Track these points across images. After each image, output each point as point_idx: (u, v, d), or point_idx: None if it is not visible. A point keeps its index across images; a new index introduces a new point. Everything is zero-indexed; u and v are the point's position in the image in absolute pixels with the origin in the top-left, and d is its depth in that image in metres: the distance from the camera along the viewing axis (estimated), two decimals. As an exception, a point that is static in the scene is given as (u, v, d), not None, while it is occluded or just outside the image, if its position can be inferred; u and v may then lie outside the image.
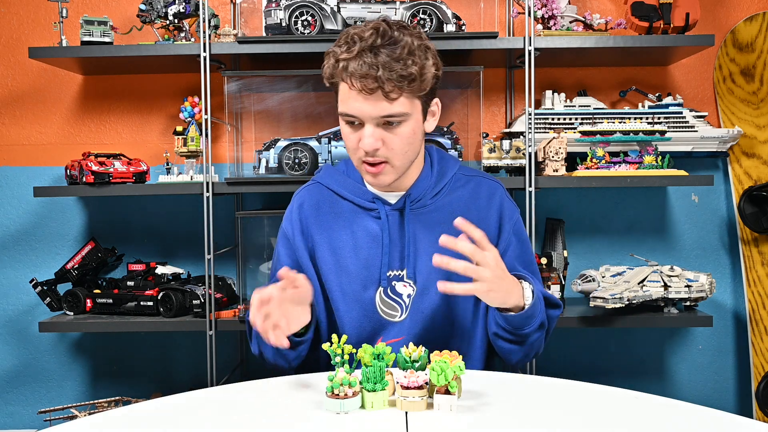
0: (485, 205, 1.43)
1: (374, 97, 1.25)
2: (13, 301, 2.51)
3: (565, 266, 2.21)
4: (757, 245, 2.38)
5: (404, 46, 1.25)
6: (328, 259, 1.41)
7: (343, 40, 1.28)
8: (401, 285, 1.39)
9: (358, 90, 1.25)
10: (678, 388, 2.48)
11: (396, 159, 1.32)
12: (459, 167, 1.47)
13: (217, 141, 2.44)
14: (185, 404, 1.13)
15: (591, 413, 1.06)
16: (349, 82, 1.25)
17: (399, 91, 1.25)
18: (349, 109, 1.28)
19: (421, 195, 1.41)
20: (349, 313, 1.40)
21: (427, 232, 1.40)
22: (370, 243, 1.40)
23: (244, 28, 2.40)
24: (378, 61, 1.23)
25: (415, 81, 1.26)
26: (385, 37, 1.25)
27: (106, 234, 2.48)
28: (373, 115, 1.27)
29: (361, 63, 1.23)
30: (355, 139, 1.31)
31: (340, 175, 1.47)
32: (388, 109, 1.26)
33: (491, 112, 2.44)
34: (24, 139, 2.49)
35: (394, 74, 1.23)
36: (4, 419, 2.53)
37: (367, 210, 1.42)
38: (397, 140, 1.30)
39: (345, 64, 1.25)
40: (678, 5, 2.11)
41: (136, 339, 2.51)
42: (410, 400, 1.04)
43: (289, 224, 1.46)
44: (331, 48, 1.30)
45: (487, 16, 2.38)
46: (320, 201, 1.46)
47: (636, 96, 2.41)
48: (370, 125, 1.28)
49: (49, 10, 2.44)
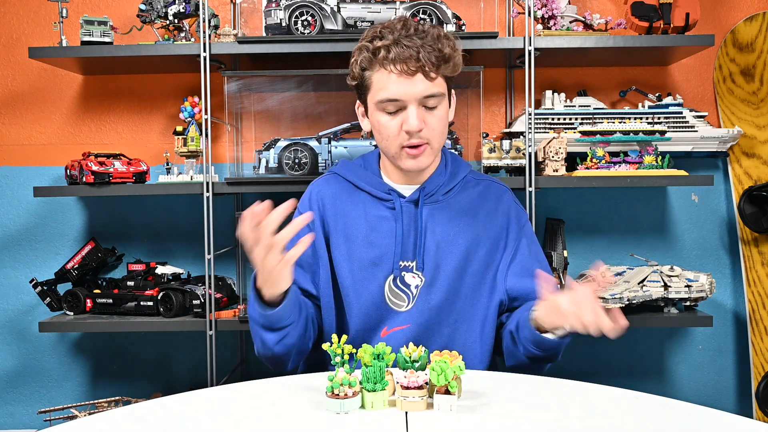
0: (493, 207, 1.48)
1: (416, 78, 1.31)
2: (13, 301, 2.51)
3: (565, 266, 2.21)
4: (757, 245, 2.38)
5: (433, 33, 1.34)
6: (342, 246, 1.44)
7: (371, 35, 1.35)
8: (410, 276, 1.42)
9: (400, 73, 1.31)
10: (678, 388, 2.48)
11: (435, 140, 1.39)
12: (470, 171, 1.53)
13: (217, 141, 2.44)
14: (185, 404, 1.13)
15: (591, 413, 1.06)
16: (390, 68, 1.31)
17: (437, 72, 1.33)
18: (391, 94, 1.33)
19: (434, 190, 1.45)
20: (358, 299, 1.42)
21: (438, 226, 1.44)
22: (384, 233, 1.44)
23: (244, 28, 2.40)
24: (416, 43, 1.31)
25: (449, 61, 1.34)
26: (414, 27, 1.34)
27: (106, 234, 2.48)
28: (417, 95, 1.33)
29: (401, 48, 1.30)
30: (395, 124, 1.36)
31: (357, 167, 1.52)
32: (430, 88, 1.33)
33: (491, 112, 2.44)
34: (24, 139, 2.49)
35: (432, 55, 1.31)
36: (4, 419, 2.53)
37: (382, 200, 1.46)
38: (436, 121, 1.36)
39: (385, 52, 1.31)
40: (678, 5, 2.11)
41: (136, 339, 2.51)
42: (410, 400, 1.04)
43: (308, 208, 1.49)
44: (360, 45, 1.37)
45: (487, 16, 2.38)
46: (338, 190, 1.50)
47: (636, 96, 2.41)
48: (413, 105, 1.33)
49: (49, 10, 2.44)
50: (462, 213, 1.46)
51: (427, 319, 1.41)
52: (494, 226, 1.46)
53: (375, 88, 1.36)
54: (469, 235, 1.44)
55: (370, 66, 1.35)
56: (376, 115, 1.37)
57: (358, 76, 1.38)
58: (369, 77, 1.36)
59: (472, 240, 1.44)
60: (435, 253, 1.42)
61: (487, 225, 1.46)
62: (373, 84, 1.36)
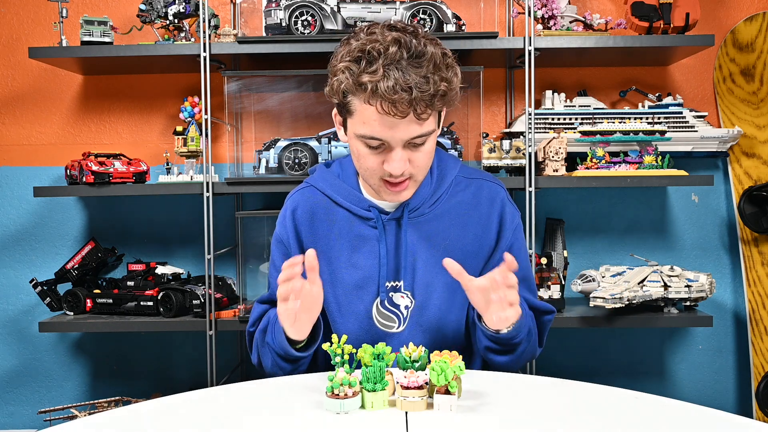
0: (486, 210, 1.39)
1: (406, 120, 1.17)
2: (13, 301, 2.51)
3: (565, 266, 2.21)
4: (757, 245, 2.38)
5: (430, 58, 1.17)
6: (324, 270, 1.35)
7: (357, 53, 1.18)
8: (398, 296, 1.35)
9: (389, 114, 1.16)
10: (678, 388, 2.48)
11: (419, 174, 1.29)
12: (459, 168, 1.42)
13: (217, 141, 2.44)
14: (185, 404, 1.13)
15: (591, 413, 1.06)
16: (378, 106, 1.16)
17: (430, 111, 1.19)
18: (375, 134, 1.20)
19: (419, 204, 1.36)
20: (345, 325, 1.36)
21: (426, 242, 1.35)
22: (367, 253, 1.35)
23: (244, 28, 2.40)
24: (409, 80, 1.14)
25: (445, 96, 1.20)
26: (408, 50, 1.16)
27: (106, 234, 2.48)
28: (404, 139, 1.21)
29: (391, 84, 1.14)
30: (376, 161, 1.24)
31: (335, 179, 1.41)
32: (418, 130, 1.20)
33: (491, 112, 2.44)
34: (24, 139, 2.49)
35: (426, 95, 1.15)
36: (4, 419, 2.53)
37: (363, 219, 1.37)
38: (422, 157, 1.25)
39: (372, 87, 1.14)
40: (678, 5, 2.11)
41: (136, 339, 2.51)
42: (410, 400, 1.04)
43: (284, 230, 1.41)
44: (341, 63, 1.19)
45: (487, 16, 2.38)
46: (314, 207, 1.40)
47: (636, 96, 2.41)
48: (399, 148, 1.22)
49: (49, 10, 2.44)
50: (450, 224, 1.36)
51: (421, 340, 1.35)
52: (486, 233, 1.37)
53: (357, 119, 1.21)
54: (458, 249, 1.35)
55: (353, 93, 1.19)
56: (356, 143, 1.25)
57: (338, 96, 1.22)
58: (351, 103, 1.21)
59: (462, 253, 1.35)
60: (424, 273, 1.34)
61: (479, 233, 1.37)
62: (356, 113, 1.21)
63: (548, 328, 1.43)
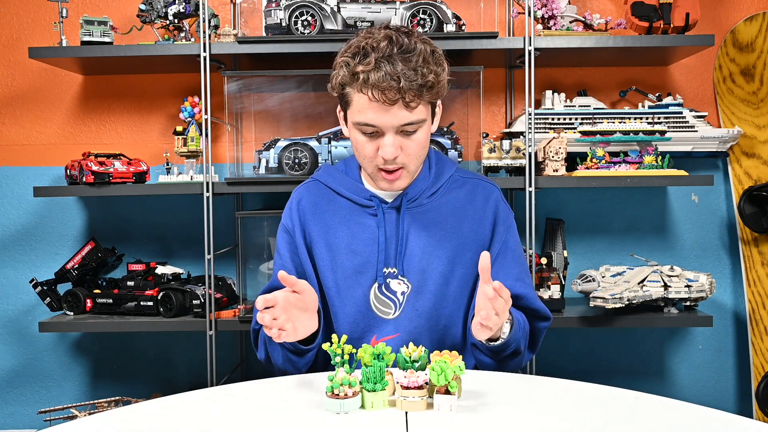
0: (481, 207, 1.45)
1: (395, 107, 1.27)
2: (13, 301, 2.51)
3: (565, 266, 2.21)
4: (757, 245, 2.38)
5: (419, 53, 1.27)
6: (325, 256, 1.43)
7: (354, 50, 1.29)
8: (396, 282, 1.41)
9: (380, 101, 1.26)
10: (678, 388, 2.48)
11: (412, 164, 1.37)
12: (456, 169, 1.50)
13: (217, 141, 2.44)
14: (185, 404, 1.13)
15: (591, 413, 1.06)
16: (369, 93, 1.27)
17: (418, 100, 1.28)
18: (368, 120, 1.30)
19: (417, 194, 1.43)
20: (344, 308, 1.42)
21: (422, 231, 1.42)
22: (367, 240, 1.42)
23: (244, 28, 2.40)
24: (398, 71, 1.25)
25: (433, 88, 1.29)
26: (399, 46, 1.27)
27: (106, 234, 2.48)
28: (395, 125, 1.30)
29: (382, 74, 1.25)
30: (372, 148, 1.34)
31: (338, 173, 1.50)
32: (408, 117, 1.29)
33: (491, 112, 2.44)
34: (24, 139, 2.49)
35: (414, 84, 1.26)
36: (4, 419, 2.53)
37: (364, 207, 1.44)
38: (414, 146, 1.34)
39: (365, 76, 1.26)
40: (678, 5, 2.11)
41: (136, 339, 2.51)
42: (410, 400, 1.04)
43: (289, 219, 1.49)
44: (341, 58, 1.31)
45: (487, 16, 2.38)
46: (318, 198, 1.48)
47: (636, 96, 2.41)
48: (390, 134, 1.31)
49: (49, 10, 2.44)
50: (448, 216, 1.43)
51: (416, 326, 1.40)
52: (481, 228, 1.43)
53: (353, 108, 1.32)
54: (455, 239, 1.41)
55: (350, 85, 1.30)
56: (354, 132, 1.35)
57: (337, 89, 1.34)
58: (348, 95, 1.32)
59: (458, 244, 1.41)
60: (420, 259, 1.40)
61: (474, 227, 1.43)
62: (352, 103, 1.32)
63: (543, 334, 1.46)
